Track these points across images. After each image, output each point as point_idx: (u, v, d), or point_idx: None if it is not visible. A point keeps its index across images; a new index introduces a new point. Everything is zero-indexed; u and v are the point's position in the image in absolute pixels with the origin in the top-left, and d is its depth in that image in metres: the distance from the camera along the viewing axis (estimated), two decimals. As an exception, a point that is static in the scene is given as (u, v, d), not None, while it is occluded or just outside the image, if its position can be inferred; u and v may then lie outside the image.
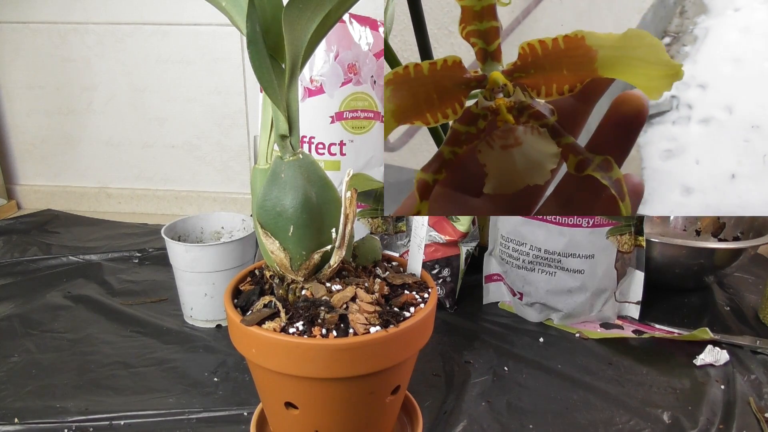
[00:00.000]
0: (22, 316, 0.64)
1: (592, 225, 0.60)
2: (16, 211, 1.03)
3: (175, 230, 0.64)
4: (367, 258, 0.43)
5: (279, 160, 0.37)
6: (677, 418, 0.49)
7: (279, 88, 0.35)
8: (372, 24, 0.64)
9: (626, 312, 0.66)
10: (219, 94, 0.95)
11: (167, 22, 0.92)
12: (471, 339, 0.61)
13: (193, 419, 0.48)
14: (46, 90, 0.99)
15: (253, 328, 0.36)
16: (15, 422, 0.47)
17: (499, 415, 0.49)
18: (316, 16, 0.33)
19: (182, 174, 1.01)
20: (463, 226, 0.65)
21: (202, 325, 0.63)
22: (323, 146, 0.65)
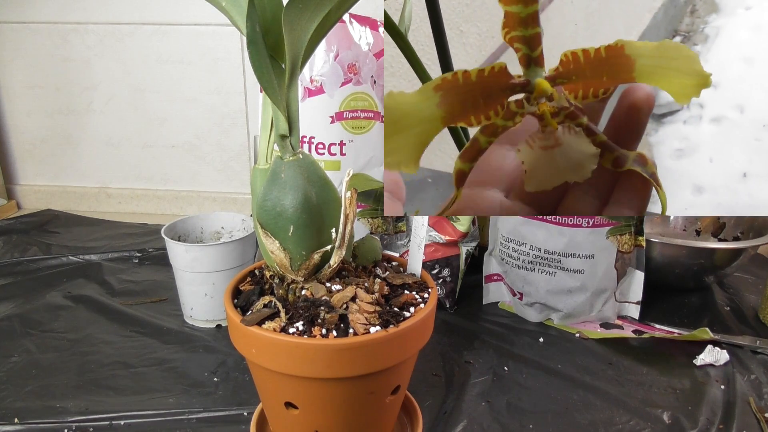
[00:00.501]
0: (22, 316, 0.64)
1: (592, 225, 0.60)
2: (16, 211, 1.03)
3: (175, 230, 0.64)
4: (367, 258, 0.43)
5: (279, 160, 0.37)
6: (677, 418, 0.49)
7: (279, 88, 0.35)
8: (372, 24, 0.64)
9: (626, 312, 0.66)
10: (219, 94, 0.95)
11: (167, 22, 0.92)
12: (471, 339, 0.61)
13: (193, 419, 0.48)
14: (46, 90, 0.99)
15: (253, 328, 0.36)
16: (15, 422, 0.48)
17: (499, 415, 0.49)
18: (316, 16, 0.33)
19: (182, 174, 1.01)
20: (463, 226, 0.65)
21: (202, 325, 0.63)
22: (323, 146, 0.65)
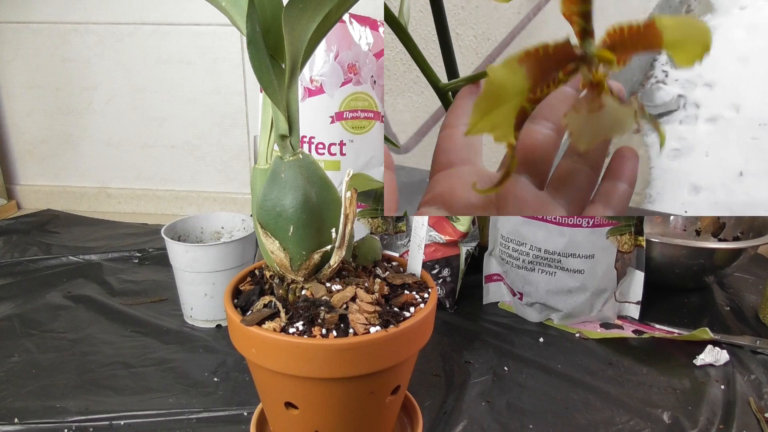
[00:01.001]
0: (22, 316, 0.64)
1: (592, 225, 0.60)
2: (16, 211, 1.03)
3: (175, 230, 0.64)
4: (367, 258, 0.43)
5: (279, 160, 0.37)
6: (677, 418, 0.49)
7: (279, 88, 0.35)
8: (372, 24, 0.64)
9: (626, 312, 0.66)
10: (219, 94, 0.95)
11: (167, 22, 0.92)
12: (471, 339, 0.61)
13: (193, 419, 0.48)
14: (46, 90, 0.99)
15: (253, 328, 0.36)
16: (15, 422, 0.48)
17: (499, 415, 0.49)
18: (316, 16, 0.33)
19: (182, 174, 1.01)
20: (463, 226, 0.65)
21: (202, 325, 0.63)
22: (323, 146, 0.65)
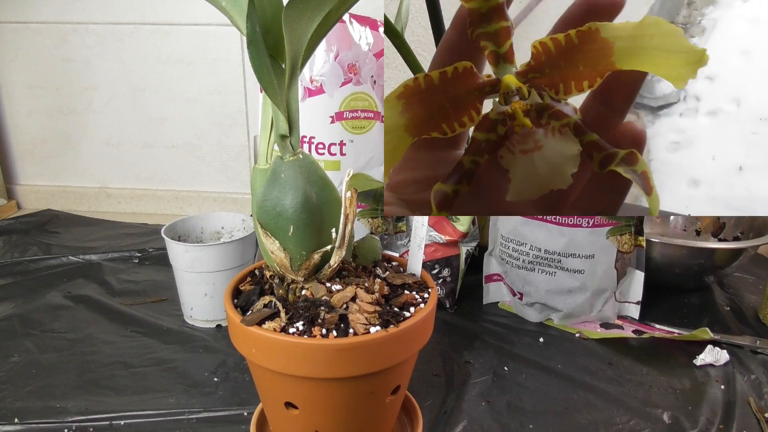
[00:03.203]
0: (22, 316, 0.64)
1: (592, 225, 0.60)
2: (16, 211, 1.03)
3: (175, 230, 0.64)
4: (367, 258, 0.43)
5: (279, 160, 0.37)
6: (677, 418, 0.49)
7: (279, 88, 0.35)
8: (372, 24, 0.64)
9: (626, 312, 0.66)
10: (219, 94, 0.95)
11: (167, 22, 0.92)
12: (471, 339, 0.61)
13: (193, 419, 0.48)
14: (46, 90, 0.99)
15: (253, 328, 0.36)
16: (15, 422, 0.47)
17: (499, 415, 0.49)
18: (316, 16, 0.33)
19: (182, 174, 1.01)
20: (463, 226, 0.65)
21: (202, 325, 0.63)
22: (323, 146, 0.65)
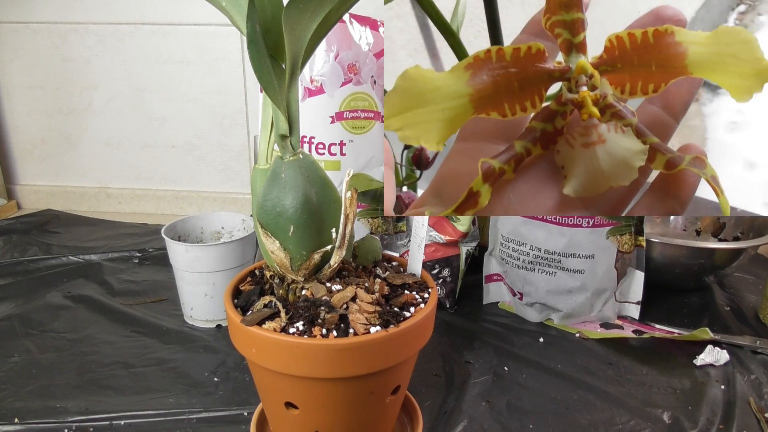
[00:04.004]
0: (22, 316, 0.64)
1: (592, 225, 0.60)
2: (16, 211, 1.03)
3: (175, 230, 0.64)
4: (367, 258, 0.43)
5: (279, 160, 0.37)
6: (677, 418, 0.49)
7: (279, 88, 0.35)
8: (372, 24, 0.64)
9: (626, 312, 0.66)
10: (219, 94, 0.95)
11: (167, 22, 0.92)
12: (471, 339, 0.61)
13: (193, 419, 0.48)
14: (46, 90, 0.99)
15: (253, 328, 0.36)
16: (15, 422, 0.47)
17: (499, 415, 0.49)
18: (316, 16, 0.33)
19: (182, 174, 1.01)
20: (463, 226, 0.65)
21: (202, 325, 0.63)
22: (323, 146, 0.65)
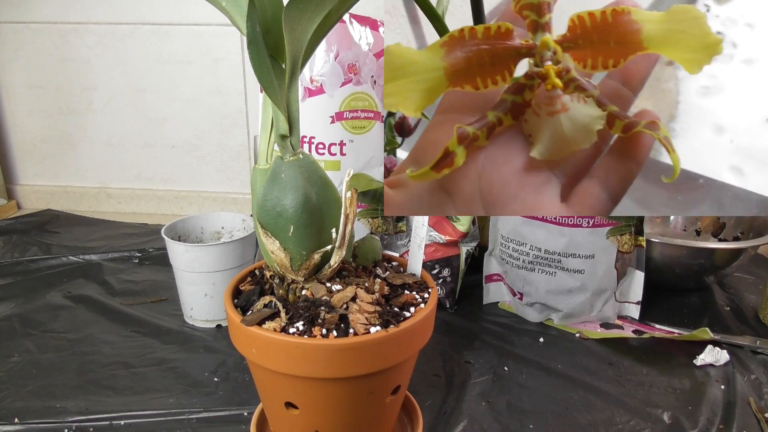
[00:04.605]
0: (22, 316, 0.64)
1: (592, 225, 0.60)
2: (16, 211, 1.03)
3: (175, 230, 0.64)
4: (367, 258, 0.43)
5: (279, 160, 0.37)
6: (677, 418, 0.49)
7: (279, 88, 0.35)
8: (372, 24, 0.64)
9: (626, 312, 0.66)
10: (219, 94, 0.95)
11: (167, 22, 0.92)
12: (471, 339, 0.61)
13: (193, 419, 0.48)
14: (46, 90, 0.99)
15: (253, 328, 0.36)
16: (15, 422, 0.47)
17: (499, 415, 0.49)
18: (316, 17, 0.33)
19: (182, 174, 1.01)
20: (463, 226, 0.65)
21: (202, 325, 0.63)
22: (323, 146, 0.65)
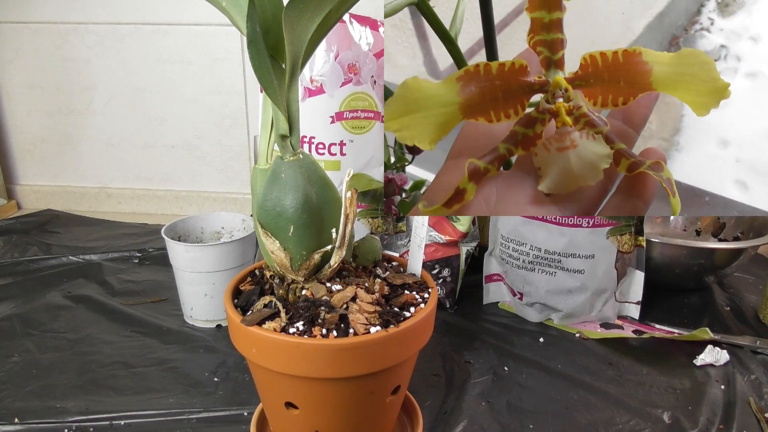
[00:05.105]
0: (22, 316, 0.64)
1: (592, 225, 0.60)
2: (16, 211, 1.03)
3: (175, 230, 0.64)
4: (367, 258, 0.43)
5: (279, 160, 0.37)
6: (677, 418, 0.49)
7: (279, 88, 0.35)
8: (372, 24, 0.64)
9: (626, 312, 0.66)
10: (219, 94, 0.95)
11: (167, 22, 0.92)
12: (471, 339, 0.61)
13: (193, 419, 0.48)
14: (46, 90, 0.99)
15: (253, 328, 0.36)
16: (15, 422, 0.47)
17: (499, 415, 0.49)
18: (316, 16, 0.33)
19: (182, 174, 1.01)
20: (463, 226, 0.65)
21: (202, 325, 0.63)
22: (323, 146, 0.65)
